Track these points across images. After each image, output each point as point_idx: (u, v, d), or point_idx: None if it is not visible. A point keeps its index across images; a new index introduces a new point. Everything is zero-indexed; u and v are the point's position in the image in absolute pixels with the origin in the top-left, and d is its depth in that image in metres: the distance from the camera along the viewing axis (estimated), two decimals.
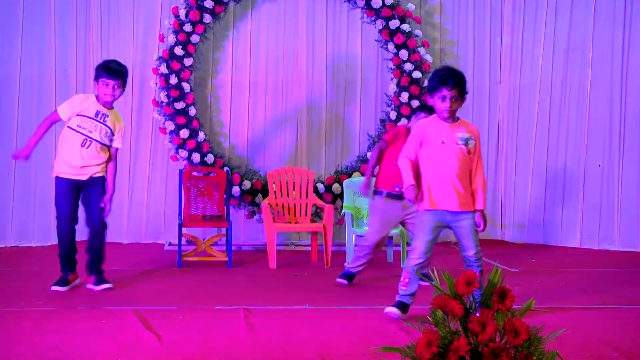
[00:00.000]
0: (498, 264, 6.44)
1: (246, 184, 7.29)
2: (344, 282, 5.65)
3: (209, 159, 7.24)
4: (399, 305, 4.54)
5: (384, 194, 5.60)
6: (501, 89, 8.05)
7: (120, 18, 7.50)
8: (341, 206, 7.20)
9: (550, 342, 2.57)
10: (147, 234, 7.59)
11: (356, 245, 6.08)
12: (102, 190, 5.33)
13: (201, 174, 6.89)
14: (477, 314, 2.53)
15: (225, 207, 6.77)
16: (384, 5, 7.43)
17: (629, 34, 7.63)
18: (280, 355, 3.84)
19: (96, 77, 5.33)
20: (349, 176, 7.30)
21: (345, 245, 6.66)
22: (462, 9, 7.99)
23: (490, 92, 8.04)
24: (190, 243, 6.84)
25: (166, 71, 7.22)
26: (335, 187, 7.40)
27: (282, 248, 7.24)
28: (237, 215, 7.41)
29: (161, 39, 7.32)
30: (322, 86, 7.78)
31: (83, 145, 5.25)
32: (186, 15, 7.24)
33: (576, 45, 7.76)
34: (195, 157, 7.22)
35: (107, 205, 5.35)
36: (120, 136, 5.41)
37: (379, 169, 5.70)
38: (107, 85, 5.27)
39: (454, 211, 4.49)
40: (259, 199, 7.28)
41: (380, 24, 7.51)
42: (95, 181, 5.32)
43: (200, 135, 7.25)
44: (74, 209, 5.33)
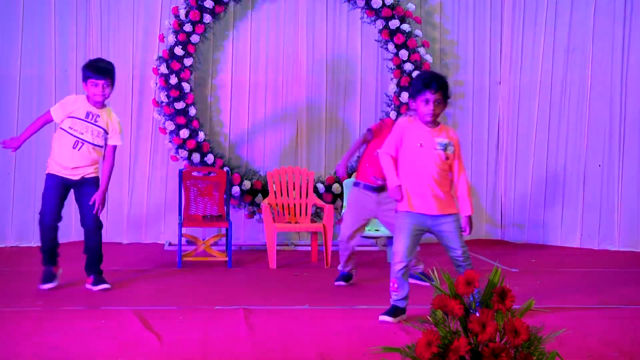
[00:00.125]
0: (498, 264, 6.43)
1: (246, 184, 7.29)
2: (342, 284, 5.67)
3: (209, 159, 7.24)
4: (392, 310, 4.55)
5: (361, 185, 5.60)
6: (501, 89, 8.04)
7: (120, 18, 7.49)
8: (341, 206, 7.21)
9: (550, 342, 2.57)
10: (147, 234, 7.58)
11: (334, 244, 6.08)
12: (95, 191, 5.27)
13: (201, 174, 6.89)
14: (477, 314, 2.53)
15: (225, 207, 6.77)
16: (384, 5, 7.43)
17: (629, 33, 7.63)
18: (280, 355, 3.85)
19: (84, 78, 5.25)
20: (349, 176, 7.29)
21: None
22: (462, 9, 7.98)
23: (490, 92, 8.03)
24: (190, 243, 6.84)
25: (166, 71, 7.21)
26: (335, 187, 7.40)
27: (282, 248, 7.23)
28: (237, 215, 7.41)
29: (161, 39, 7.31)
30: (322, 86, 7.78)
31: (75, 147, 5.21)
32: (186, 15, 7.23)
33: (576, 45, 7.76)
34: (195, 157, 7.22)
35: (97, 201, 5.22)
36: (117, 133, 5.33)
37: (360, 161, 5.70)
38: (97, 86, 5.21)
39: (433, 215, 4.49)
40: (259, 199, 7.28)
41: (380, 24, 7.50)
42: (87, 181, 5.27)
43: (200, 135, 7.25)
44: (59, 205, 5.27)
